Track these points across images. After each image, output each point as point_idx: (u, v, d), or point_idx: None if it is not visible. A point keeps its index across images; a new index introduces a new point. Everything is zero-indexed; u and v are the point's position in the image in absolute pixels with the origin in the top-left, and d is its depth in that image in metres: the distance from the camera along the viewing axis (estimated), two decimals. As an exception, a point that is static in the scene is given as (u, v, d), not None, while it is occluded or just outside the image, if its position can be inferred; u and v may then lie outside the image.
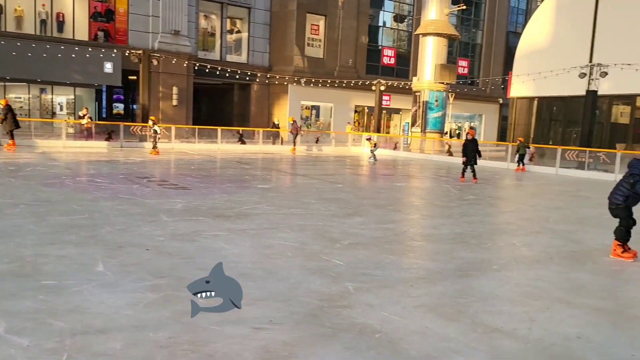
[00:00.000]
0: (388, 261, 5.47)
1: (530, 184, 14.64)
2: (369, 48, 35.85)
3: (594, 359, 3.35)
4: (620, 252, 5.99)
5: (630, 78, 20.50)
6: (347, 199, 9.70)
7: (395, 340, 3.51)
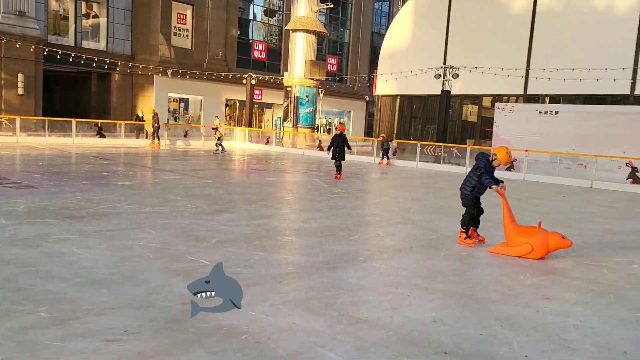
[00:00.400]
0: (257, 258, 5.36)
1: (394, 177, 15.54)
2: (240, 41, 35.37)
3: (447, 340, 3.56)
4: (463, 239, 6.56)
5: (477, 80, 22.75)
6: (216, 195, 9.40)
7: (262, 340, 3.40)
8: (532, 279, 5.18)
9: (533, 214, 9.10)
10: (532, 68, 22.44)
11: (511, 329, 3.84)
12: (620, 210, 10.85)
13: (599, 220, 9.18)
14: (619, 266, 5.91)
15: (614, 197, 13.01)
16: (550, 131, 18.54)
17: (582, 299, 4.65)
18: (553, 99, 22.52)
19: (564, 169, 17.03)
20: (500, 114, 20.23)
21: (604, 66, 18.98)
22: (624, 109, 18.73)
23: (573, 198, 12.38)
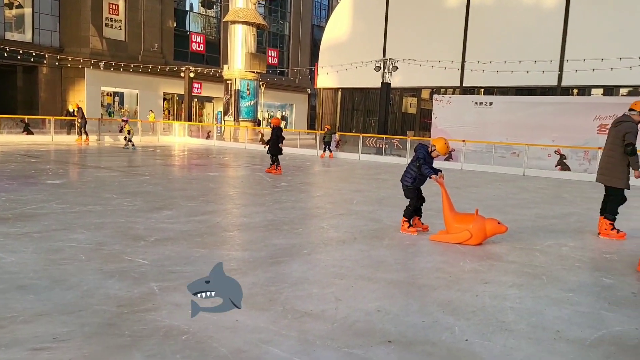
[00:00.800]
0: (199, 255, 5.19)
1: (337, 170, 15.62)
2: (177, 33, 34.40)
3: (392, 329, 3.58)
4: (406, 227, 6.68)
5: (416, 73, 23.27)
6: (154, 192, 9.07)
7: (203, 339, 3.29)
8: (471, 265, 5.33)
9: (471, 202, 9.40)
10: (467, 60, 23.20)
11: (452, 314, 3.92)
12: (550, 195, 11.42)
13: (531, 205, 9.61)
14: (550, 249, 6.19)
15: (544, 184, 13.69)
16: (485, 122, 19.27)
17: (518, 281, 4.82)
18: (487, 91, 23.40)
19: (499, 157, 17.76)
20: (438, 105, 20.81)
21: (533, 58, 19.89)
22: (552, 99, 19.75)
23: (507, 185, 12.91)
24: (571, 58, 19.95)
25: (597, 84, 20.55)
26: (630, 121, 6.81)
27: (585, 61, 18.73)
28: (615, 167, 6.83)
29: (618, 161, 6.82)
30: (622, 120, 6.88)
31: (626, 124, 6.79)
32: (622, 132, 6.74)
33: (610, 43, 19.28)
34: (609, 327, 3.81)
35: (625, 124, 6.80)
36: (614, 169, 6.86)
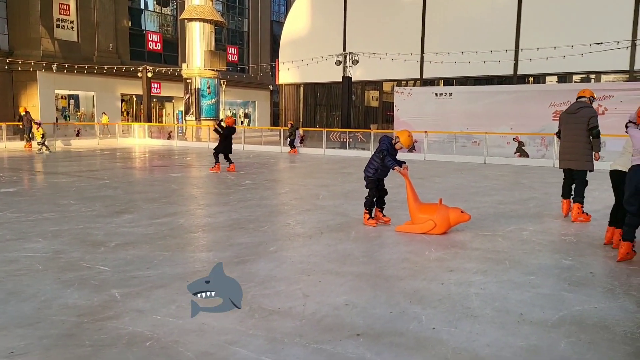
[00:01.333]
0: (162, 258, 5.07)
1: (302, 165, 15.58)
2: (132, 32, 33.58)
3: (360, 322, 3.58)
4: (366, 219, 6.71)
5: (376, 66, 23.43)
6: (114, 196, 8.82)
7: (168, 344, 3.20)
8: (436, 254, 5.39)
9: (435, 192, 9.53)
10: (426, 52, 23.50)
11: (419, 303, 3.95)
12: (510, 182, 11.71)
13: (492, 193, 9.82)
14: (511, 234, 6.34)
15: (505, 171, 14.02)
16: (446, 112, 19.58)
17: (482, 268, 4.91)
18: (447, 82, 23.78)
19: (460, 147, 18.09)
20: (400, 97, 21.01)
21: (489, 49, 20.32)
22: (509, 88, 20.23)
23: (469, 174, 13.17)
24: (526, 47, 20.47)
25: (551, 72, 21.16)
26: (589, 106, 7.12)
27: (539, 50, 19.26)
28: (584, 151, 7.10)
29: (584, 145, 7.08)
30: (582, 107, 7.13)
31: (587, 109, 7.07)
32: (587, 117, 7.00)
33: (562, 31, 19.88)
34: (569, 307, 3.91)
35: (586, 109, 7.07)
36: (583, 153, 7.11)
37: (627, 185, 5.10)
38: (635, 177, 4.99)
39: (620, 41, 17.71)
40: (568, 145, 7.31)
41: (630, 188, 5.05)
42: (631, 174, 5.08)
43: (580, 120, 7.07)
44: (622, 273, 4.83)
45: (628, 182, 5.09)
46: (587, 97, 7.23)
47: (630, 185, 5.05)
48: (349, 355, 3.09)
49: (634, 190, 5.00)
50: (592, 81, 20.92)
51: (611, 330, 3.50)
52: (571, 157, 7.25)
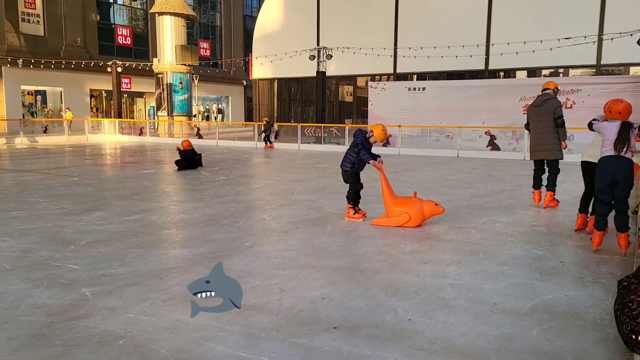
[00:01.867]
0: (134, 256, 4.98)
1: (277, 160, 15.51)
2: (101, 26, 32.84)
3: (336, 315, 3.58)
4: (352, 214, 6.72)
5: (350, 61, 23.47)
6: (84, 193, 8.62)
7: (142, 342, 3.14)
8: (411, 246, 5.43)
9: (409, 185, 9.61)
10: (399, 47, 23.63)
11: (395, 295, 3.97)
12: (482, 175, 11.88)
13: (465, 185, 9.96)
14: (485, 225, 6.43)
15: (477, 164, 14.23)
16: (419, 107, 19.76)
17: (456, 259, 4.97)
18: (420, 76, 23.98)
19: (434, 141, 18.28)
20: (374, 92, 21.10)
21: (461, 43, 20.55)
22: (481, 82, 20.52)
23: (443, 167, 13.32)
24: (496, 42, 20.77)
25: (521, 67, 21.54)
26: (554, 98, 7.41)
27: (509, 45, 19.57)
28: (554, 141, 7.38)
29: (554, 136, 7.36)
30: (547, 99, 7.39)
31: (553, 100, 7.36)
32: (552, 108, 7.29)
33: (531, 27, 20.23)
34: (541, 296, 3.99)
35: (552, 101, 7.35)
36: (553, 143, 7.38)
37: (601, 176, 5.16)
38: (610, 167, 5.06)
39: (587, 36, 18.13)
40: (538, 137, 7.52)
41: (605, 179, 5.12)
42: (604, 164, 5.14)
43: (547, 112, 7.33)
44: (591, 262, 4.96)
45: (602, 173, 5.15)
46: (551, 89, 7.50)
47: (605, 175, 5.11)
48: (326, 349, 3.08)
49: (609, 180, 5.08)
50: (561, 75, 21.39)
51: (581, 317, 3.58)
52: (542, 148, 7.47)
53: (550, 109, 7.30)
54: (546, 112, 7.34)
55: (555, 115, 7.28)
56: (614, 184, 5.08)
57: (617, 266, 4.78)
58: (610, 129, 5.15)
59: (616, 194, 5.12)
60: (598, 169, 5.23)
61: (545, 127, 7.40)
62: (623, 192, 5.11)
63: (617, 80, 17.65)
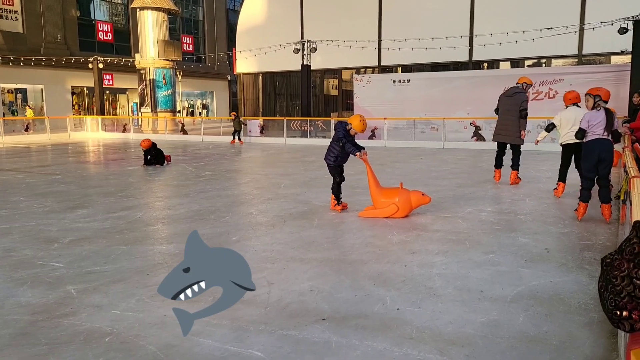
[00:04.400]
0: (119, 252, 4.93)
1: (263, 155, 15.45)
2: (81, 22, 32.33)
3: (325, 306, 3.58)
4: (334, 205, 6.74)
5: (335, 54, 23.40)
6: (67, 191, 8.50)
7: (129, 339, 3.11)
8: (398, 237, 5.45)
9: (395, 177, 9.63)
10: (383, 39, 23.61)
11: (383, 286, 3.98)
12: (468, 165, 11.96)
13: (451, 176, 10.01)
14: (471, 215, 6.48)
15: (462, 155, 14.32)
16: (404, 99, 19.78)
17: (443, 248, 5.00)
18: (405, 68, 24.00)
19: (419, 133, 18.34)
20: (359, 85, 21.08)
21: (444, 35, 20.60)
22: (465, 74, 20.60)
23: (429, 159, 13.38)
24: (479, 33, 20.86)
25: (505, 57, 21.65)
26: (523, 92, 8.46)
27: (492, 36, 19.66)
28: (515, 129, 8.43)
29: (516, 124, 8.42)
30: (517, 92, 8.44)
31: (521, 94, 8.40)
32: (520, 101, 8.32)
33: (514, 17, 20.34)
34: (526, 282, 4.04)
35: (520, 95, 8.39)
36: (515, 130, 8.44)
37: (588, 156, 5.97)
38: (597, 148, 5.85)
39: (569, 26, 18.29)
40: (503, 123, 8.59)
41: (592, 158, 5.91)
42: (591, 146, 5.93)
43: (515, 103, 8.36)
44: (574, 248, 5.02)
45: (589, 153, 5.95)
46: (520, 83, 8.56)
47: (592, 155, 5.90)
48: (315, 340, 3.08)
49: (596, 159, 5.88)
50: (544, 65, 21.56)
51: (566, 302, 3.62)
52: (506, 133, 8.57)
53: (518, 101, 8.31)
54: (514, 103, 8.34)
55: (520, 107, 8.29)
56: (599, 162, 5.89)
57: (600, 252, 4.85)
58: (597, 117, 5.93)
59: (600, 171, 5.94)
60: (586, 151, 6.01)
61: (511, 116, 8.40)
62: (606, 169, 5.94)
63: (598, 70, 17.84)
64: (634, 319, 0.89)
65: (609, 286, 0.92)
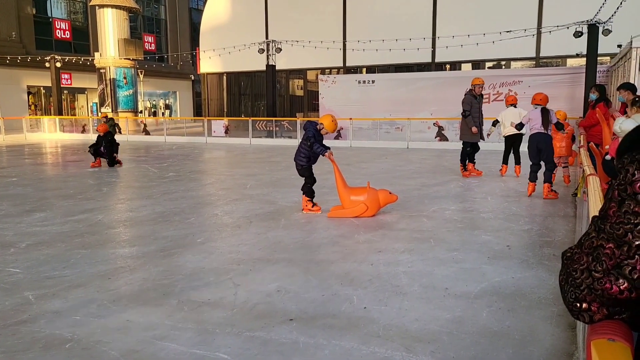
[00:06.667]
0: (79, 256, 4.78)
1: (228, 155, 15.30)
2: (37, 20, 31.26)
3: (292, 307, 3.57)
4: (310, 207, 6.70)
5: (300, 54, 23.38)
6: (24, 194, 8.19)
7: (90, 345, 3.02)
8: (365, 236, 5.49)
9: (362, 176, 9.69)
10: (348, 40, 23.74)
11: (350, 285, 4.00)
12: (432, 165, 12.16)
13: (416, 176, 10.16)
14: (435, 214, 6.59)
15: (426, 155, 14.55)
16: (369, 99, 19.95)
17: (408, 247, 5.06)
18: (369, 69, 24.20)
19: (384, 133, 18.53)
20: (324, 85, 21.14)
21: (408, 36, 20.88)
22: (428, 75, 20.94)
23: (394, 158, 13.53)
24: (442, 35, 21.23)
25: (466, 59, 22.11)
26: (467, 94, 9.55)
27: (454, 38, 20.04)
28: (462, 126, 9.63)
29: (463, 122, 9.58)
30: (465, 93, 9.68)
31: (465, 96, 9.56)
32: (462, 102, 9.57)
33: (475, 20, 20.81)
34: (489, 279, 4.13)
35: (464, 96, 9.59)
36: (461, 128, 9.70)
37: (530, 146, 7.46)
38: (536, 140, 7.40)
39: (527, 29, 18.82)
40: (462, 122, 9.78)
41: (533, 148, 7.42)
42: (532, 138, 7.47)
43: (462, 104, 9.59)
44: (535, 245, 5.17)
45: (531, 144, 7.45)
46: (471, 85, 9.54)
47: (533, 146, 7.42)
48: (283, 341, 3.07)
49: (536, 149, 7.37)
50: (503, 67, 22.13)
51: (527, 298, 3.73)
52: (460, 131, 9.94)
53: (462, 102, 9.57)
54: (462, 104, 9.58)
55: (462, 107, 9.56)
56: (539, 151, 7.34)
57: (559, 248, 5.01)
58: (536, 114, 7.45)
59: (543, 159, 7.38)
60: (528, 143, 7.54)
61: (461, 115, 9.73)
62: (548, 156, 7.37)
63: (555, 72, 18.45)
64: (593, 311, 0.92)
65: (569, 279, 0.94)
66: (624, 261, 0.85)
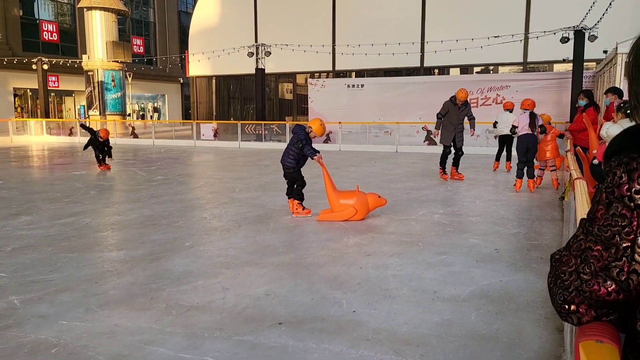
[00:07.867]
0: (66, 260, 4.73)
1: (217, 159, 15.24)
2: (24, 22, 30.97)
3: (281, 311, 3.56)
4: (301, 210, 6.69)
5: (289, 58, 23.38)
6: (9, 197, 8.09)
7: (77, 350, 2.99)
8: (354, 240, 5.49)
9: (351, 180, 9.71)
10: (337, 44, 23.81)
11: (339, 288, 4.00)
12: (420, 169, 12.22)
13: (404, 179, 10.20)
14: (424, 217, 6.61)
15: (415, 159, 14.61)
16: (358, 103, 20.00)
17: (397, 250, 5.07)
18: (358, 73, 24.28)
19: (373, 137, 18.57)
20: (314, 89, 21.16)
21: (397, 41, 21.00)
22: (417, 79, 21.06)
23: (383, 162, 13.57)
24: (431, 40, 21.38)
25: (454, 64, 22.28)
26: (448, 100, 9.76)
27: (442, 42, 20.19)
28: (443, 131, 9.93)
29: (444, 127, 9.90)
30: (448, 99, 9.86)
31: (445, 102, 9.83)
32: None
33: (463, 25, 20.98)
34: (478, 282, 4.15)
35: (445, 102, 9.85)
36: (443, 132, 9.92)
37: (520, 146, 8.24)
38: (525, 140, 8.18)
39: (514, 35, 19.02)
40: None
41: (522, 147, 8.19)
42: (521, 139, 8.24)
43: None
44: (522, 248, 5.21)
45: (520, 144, 8.25)
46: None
47: (522, 145, 8.20)
48: (272, 345, 3.05)
49: (525, 148, 8.16)
50: (491, 72, 22.34)
51: (515, 300, 3.75)
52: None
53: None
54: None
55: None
56: (527, 150, 8.16)
57: (547, 251, 5.06)
58: (524, 118, 8.31)
59: (528, 157, 8.21)
60: (518, 142, 8.37)
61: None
62: (532, 155, 8.23)
63: (542, 77, 18.65)
64: (581, 313, 0.93)
65: (557, 281, 0.95)
66: (612, 263, 0.86)
